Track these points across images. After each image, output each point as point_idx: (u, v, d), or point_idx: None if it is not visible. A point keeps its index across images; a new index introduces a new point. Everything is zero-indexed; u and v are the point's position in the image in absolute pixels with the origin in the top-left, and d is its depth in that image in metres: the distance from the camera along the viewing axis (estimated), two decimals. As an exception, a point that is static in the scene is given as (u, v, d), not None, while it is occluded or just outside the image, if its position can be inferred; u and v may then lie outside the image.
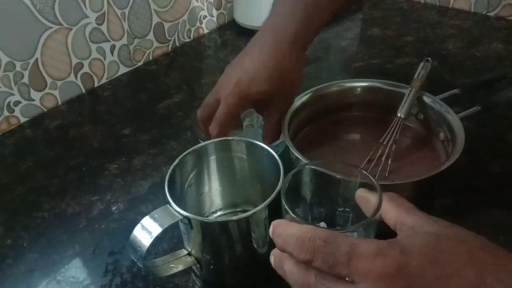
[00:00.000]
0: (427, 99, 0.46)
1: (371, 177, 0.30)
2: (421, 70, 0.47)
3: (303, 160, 0.39)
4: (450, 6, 0.86)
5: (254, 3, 0.80)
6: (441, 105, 0.45)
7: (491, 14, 0.82)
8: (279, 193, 0.32)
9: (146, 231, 0.33)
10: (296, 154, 0.40)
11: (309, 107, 0.48)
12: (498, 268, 0.23)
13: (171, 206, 0.34)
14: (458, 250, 0.24)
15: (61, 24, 0.63)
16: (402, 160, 0.45)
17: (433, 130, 0.47)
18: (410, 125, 0.49)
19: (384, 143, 0.44)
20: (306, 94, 0.48)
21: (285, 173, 0.35)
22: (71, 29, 0.64)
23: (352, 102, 0.50)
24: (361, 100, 0.50)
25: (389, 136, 0.44)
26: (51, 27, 0.62)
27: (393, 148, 0.44)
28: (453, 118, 0.43)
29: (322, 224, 0.33)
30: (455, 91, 0.48)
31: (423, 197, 0.42)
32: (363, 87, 0.49)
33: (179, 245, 0.40)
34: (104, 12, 0.67)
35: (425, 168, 0.43)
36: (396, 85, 0.48)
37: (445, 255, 0.24)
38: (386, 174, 0.43)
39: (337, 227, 0.33)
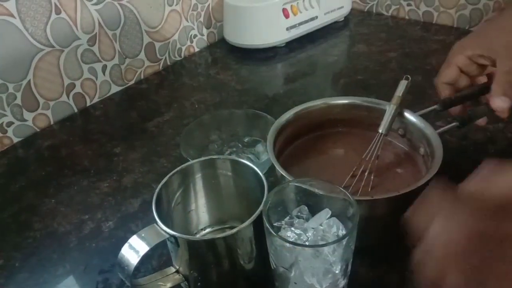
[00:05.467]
0: (407, 114, 0.48)
1: (348, 194, 0.32)
2: (401, 87, 0.49)
3: (288, 177, 0.40)
4: (433, 22, 0.89)
5: (243, 22, 0.83)
6: (421, 120, 0.47)
7: (474, 29, 0.84)
8: (262, 210, 0.33)
9: (134, 250, 0.34)
10: (281, 172, 0.41)
11: (294, 124, 0.50)
12: None
13: (158, 225, 0.35)
14: None
15: (53, 46, 0.64)
16: (385, 175, 0.47)
17: (414, 145, 0.48)
18: (392, 140, 0.50)
19: (367, 158, 0.46)
20: (290, 112, 0.50)
21: (269, 189, 0.36)
22: (63, 51, 0.66)
23: (336, 119, 0.52)
24: (344, 117, 0.51)
25: (371, 151, 0.46)
26: (43, 49, 0.63)
27: (375, 163, 0.46)
28: (432, 133, 0.44)
29: (304, 236, 0.34)
30: (435, 107, 0.50)
31: (404, 211, 0.43)
32: (345, 104, 0.51)
33: (168, 262, 0.41)
34: (96, 34, 0.69)
35: (406, 182, 0.44)
36: (377, 102, 0.50)
37: None
38: (369, 189, 0.45)
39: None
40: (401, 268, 0.41)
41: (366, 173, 0.45)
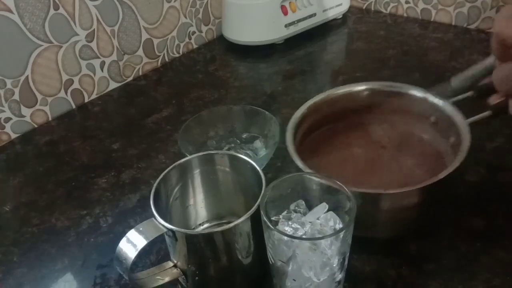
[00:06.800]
0: (439, 101, 0.46)
1: (345, 188, 0.32)
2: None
3: (304, 169, 0.39)
4: (432, 20, 0.89)
5: (242, 19, 0.83)
6: (452, 108, 0.44)
7: (472, 26, 0.84)
8: (259, 205, 0.33)
9: (132, 244, 0.34)
10: (297, 163, 0.39)
11: (315, 113, 0.48)
12: None
13: (156, 219, 0.35)
14: None
15: (51, 42, 0.64)
16: (408, 163, 0.45)
17: (444, 134, 0.46)
18: (422, 126, 0.47)
19: None
20: (312, 100, 0.48)
21: (267, 185, 0.36)
22: (61, 47, 0.66)
23: (361, 106, 0.49)
24: (370, 104, 0.49)
25: None
26: (42, 45, 0.63)
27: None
28: (462, 123, 0.42)
29: (301, 230, 0.34)
30: (469, 93, 0.46)
31: (422, 205, 0.40)
32: (371, 90, 0.48)
33: (166, 257, 0.41)
34: (94, 30, 0.69)
35: (428, 174, 0.41)
36: (407, 87, 0.47)
37: None
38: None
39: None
40: (397, 263, 0.42)
41: None
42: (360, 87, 0.49)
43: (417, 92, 0.47)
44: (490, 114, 0.43)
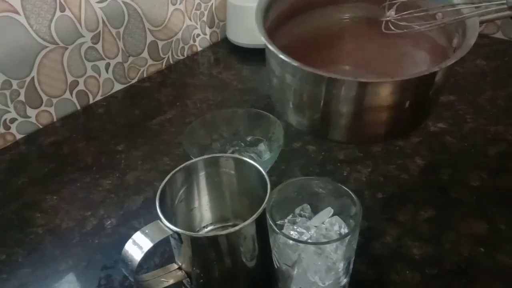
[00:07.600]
0: None
1: (351, 193, 0.32)
2: None
3: (290, 61, 0.33)
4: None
5: (245, 22, 0.83)
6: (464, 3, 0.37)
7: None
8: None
9: (137, 246, 0.34)
10: (283, 57, 0.33)
11: None
12: None
13: (161, 221, 0.35)
14: None
15: (57, 44, 0.65)
16: (404, 60, 0.41)
17: (449, 35, 0.39)
18: (426, 26, 0.40)
19: None
20: None
21: (272, 188, 0.36)
22: (66, 48, 0.66)
23: None
24: None
25: None
26: (47, 47, 0.64)
27: None
28: (472, 22, 0.35)
29: (306, 234, 0.34)
30: None
31: (403, 104, 0.35)
32: None
33: (171, 259, 0.41)
34: (100, 32, 0.69)
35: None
36: None
37: None
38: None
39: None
40: (401, 267, 0.42)
41: None
42: None
43: None
44: (511, 14, 0.36)
